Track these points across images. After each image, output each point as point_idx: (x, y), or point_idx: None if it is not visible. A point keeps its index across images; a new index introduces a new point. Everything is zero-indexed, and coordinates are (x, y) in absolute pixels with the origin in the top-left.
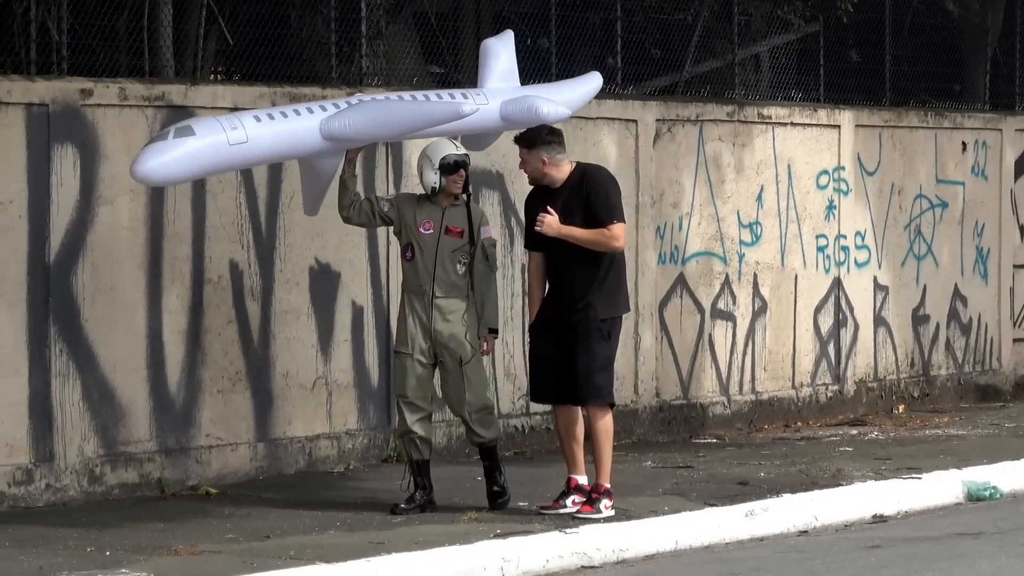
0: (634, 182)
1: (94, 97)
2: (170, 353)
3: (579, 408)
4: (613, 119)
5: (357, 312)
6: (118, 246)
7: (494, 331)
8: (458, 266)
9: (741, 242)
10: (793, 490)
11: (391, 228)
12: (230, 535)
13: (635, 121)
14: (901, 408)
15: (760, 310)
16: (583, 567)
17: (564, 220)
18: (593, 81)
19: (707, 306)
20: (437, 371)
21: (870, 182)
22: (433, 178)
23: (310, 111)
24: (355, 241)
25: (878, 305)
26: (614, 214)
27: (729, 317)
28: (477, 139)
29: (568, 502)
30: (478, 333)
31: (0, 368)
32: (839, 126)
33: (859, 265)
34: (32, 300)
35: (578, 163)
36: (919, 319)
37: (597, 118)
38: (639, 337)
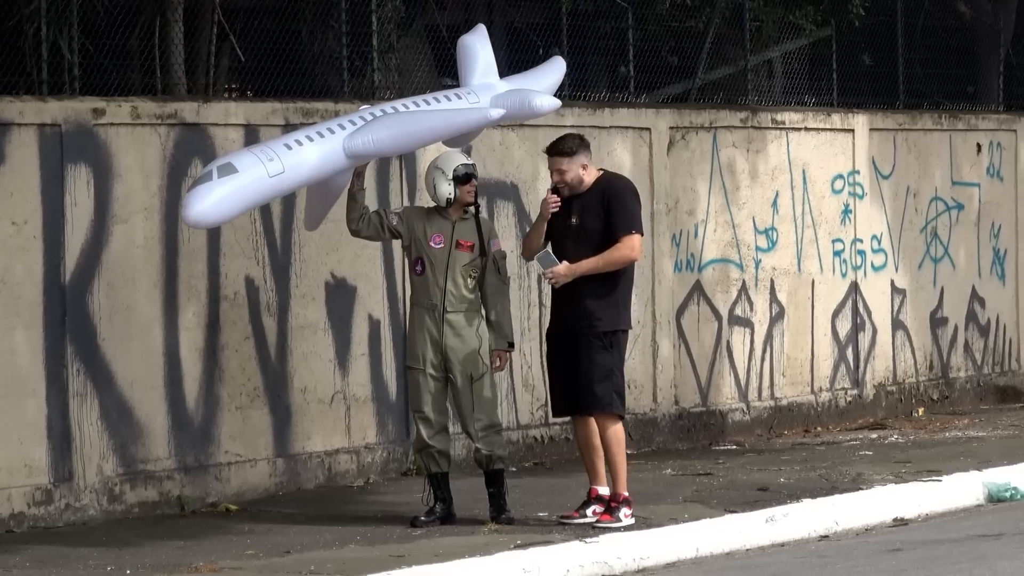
0: (649, 190)
1: (106, 116)
2: (187, 370)
3: (592, 419)
4: (627, 128)
5: (374, 326)
6: (133, 265)
7: (511, 345)
8: (468, 280)
9: (757, 248)
10: (813, 495)
11: (400, 242)
12: (250, 551)
13: (648, 129)
14: (920, 411)
15: (778, 316)
16: None
17: (580, 222)
18: (559, 66)
19: (724, 313)
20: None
21: (885, 185)
22: (447, 189)
23: (331, 131)
24: (370, 255)
25: (896, 308)
26: (632, 225)
27: (747, 323)
28: (461, 138)
29: (589, 512)
30: (493, 347)
31: (18, 389)
32: (853, 130)
33: (876, 269)
34: (48, 320)
35: (604, 171)
36: (937, 321)
37: (611, 127)
38: (657, 345)
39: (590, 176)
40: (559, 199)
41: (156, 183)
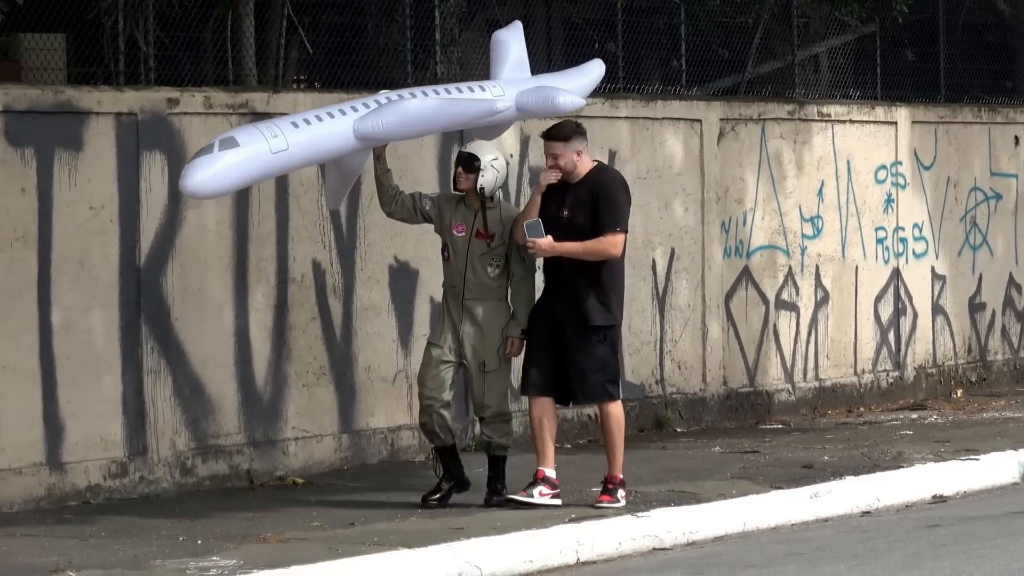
0: (699, 179)
1: (180, 106)
2: (257, 350)
3: (554, 403)
4: (678, 119)
5: (435, 308)
6: (205, 248)
7: (526, 333)
8: (489, 268)
9: (803, 235)
10: (856, 472)
11: (433, 227)
12: (316, 523)
13: (700, 121)
14: (959, 392)
15: (822, 300)
16: (654, 549)
17: (571, 215)
18: (597, 69)
19: (771, 297)
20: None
21: (926, 176)
22: (453, 176)
23: (343, 112)
24: (432, 239)
25: (936, 294)
26: (618, 221)
27: (793, 307)
28: (488, 131)
29: (535, 492)
30: (505, 334)
31: (95, 366)
32: (896, 123)
33: (917, 256)
34: (124, 301)
35: (598, 162)
36: (975, 307)
37: (663, 118)
38: (707, 328)
39: (584, 166)
40: (560, 173)
41: None
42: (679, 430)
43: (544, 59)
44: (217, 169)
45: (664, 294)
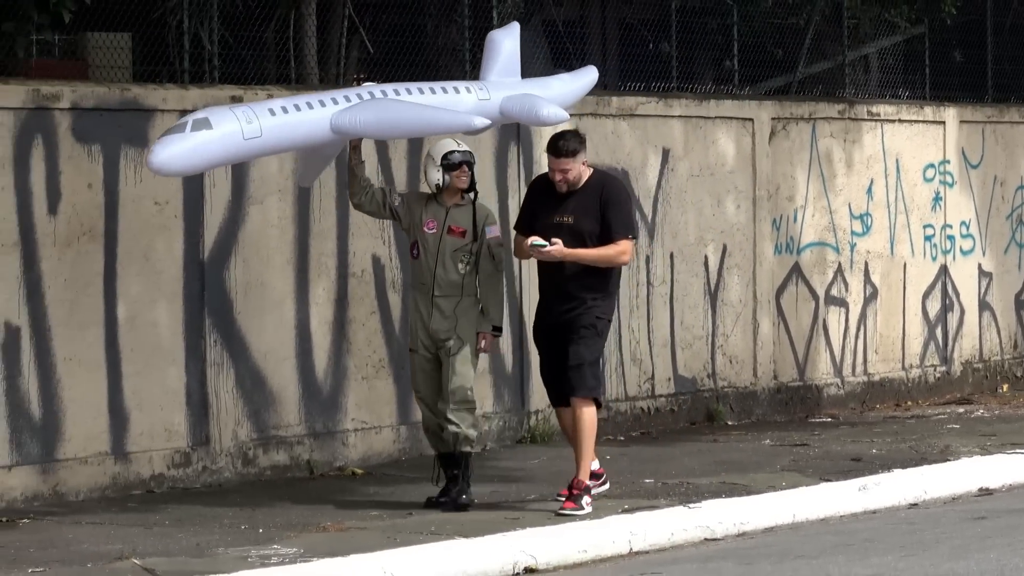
0: (751, 177)
1: (244, 103)
2: (317, 343)
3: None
4: (731, 118)
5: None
6: (268, 243)
7: (497, 329)
8: (460, 265)
9: (852, 232)
10: (904, 465)
11: (400, 224)
12: (375, 512)
13: (751, 120)
14: (1005, 387)
15: (871, 296)
16: (706, 540)
17: (577, 223)
18: (589, 75)
19: (821, 293)
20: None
21: (974, 174)
22: (436, 175)
23: (322, 104)
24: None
25: (982, 290)
26: (630, 228)
27: (842, 303)
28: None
29: (583, 502)
30: (478, 330)
31: (159, 359)
32: (944, 122)
33: (964, 253)
34: (188, 295)
35: (596, 168)
36: (1021, 303)
37: (716, 117)
38: (757, 323)
39: (584, 172)
40: (549, 251)
41: (290, 167)
42: (730, 423)
43: (599, 59)
44: (185, 147)
45: (716, 290)
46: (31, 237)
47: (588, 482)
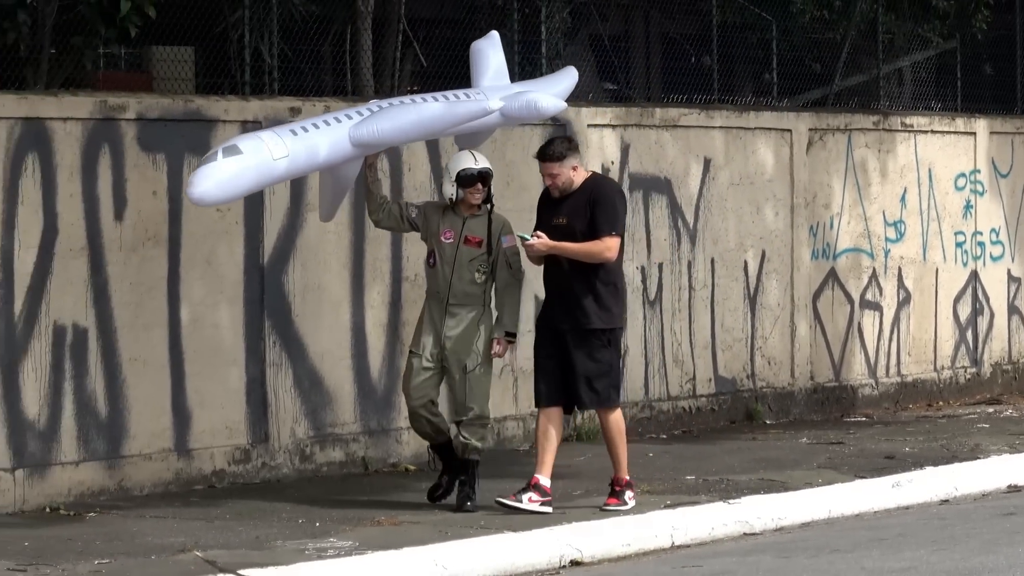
0: (789, 186)
1: (302, 115)
2: (372, 344)
3: (562, 413)
4: (770, 129)
5: (539, 305)
6: (325, 248)
7: (511, 335)
8: (476, 275)
9: (886, 239)
10: (935, 463)
11: (419, 235)
12: (427, 507)
13: (790, 131)
14: None
15: (904, 300)
16: (745, 534)
17: (569, 223)
18: (570, 76)
19: (856, 297)
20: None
21: (1003, 183)
22: (450, 190)
23: (337, 120)
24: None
25: (1012, 295)
26: (614, 226)
27: (876, 307)
28: (472, 138)
29: (524, 497)
30: (492, 335)
31: (220, 359)
32: (975, 133)
33: (994, 259)
34: (248, 298)
35: (593, 172)
36: None
37: (755, 128)
38: (795, 326)
39: (580, 177)
40: (533, 244)
41: None
42: (768, 422)
43: (644, 71)
44: (222, 177)
45: (755, 294)
46: (98, 242)
47: (628, 478)
